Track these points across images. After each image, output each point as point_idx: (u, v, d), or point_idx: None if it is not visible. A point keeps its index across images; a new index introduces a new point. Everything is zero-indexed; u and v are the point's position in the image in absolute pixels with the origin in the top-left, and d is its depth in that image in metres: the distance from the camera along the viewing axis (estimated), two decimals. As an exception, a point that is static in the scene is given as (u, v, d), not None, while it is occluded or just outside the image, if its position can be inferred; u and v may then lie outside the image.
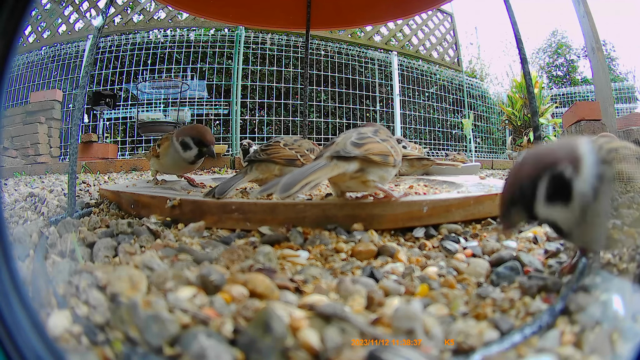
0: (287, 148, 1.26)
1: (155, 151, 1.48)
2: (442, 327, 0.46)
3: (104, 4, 2.35)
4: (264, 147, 1.28)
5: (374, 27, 6.43)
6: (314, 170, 0.81)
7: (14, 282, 0.42)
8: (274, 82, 5.86)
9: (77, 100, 1.35)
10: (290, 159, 1.23)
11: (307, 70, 2.75)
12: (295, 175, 0.77)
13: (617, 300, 0.48)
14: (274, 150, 1.25)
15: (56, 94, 5.20)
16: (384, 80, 6.56)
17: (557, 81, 13.03)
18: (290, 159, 1.23)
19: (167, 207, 0.99)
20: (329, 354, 0.40)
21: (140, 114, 5.25)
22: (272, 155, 1.23)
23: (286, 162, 1.22)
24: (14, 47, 0.46)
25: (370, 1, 2.36)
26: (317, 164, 0.85)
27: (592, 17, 4.20)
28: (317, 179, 0.79)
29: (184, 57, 5.84)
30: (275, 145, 1.27)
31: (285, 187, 0.73)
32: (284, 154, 1.24)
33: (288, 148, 1.26)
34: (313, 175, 0.79)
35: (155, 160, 1.51)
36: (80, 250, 0.77)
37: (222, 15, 2.44)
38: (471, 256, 0.76)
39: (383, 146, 0.94)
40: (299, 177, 0.77)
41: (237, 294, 0.53)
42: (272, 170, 1.22)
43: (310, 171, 0.80)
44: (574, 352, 0.41)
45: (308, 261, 0.73)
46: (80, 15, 5.97)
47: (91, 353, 0.41)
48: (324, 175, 0.82)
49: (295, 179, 0.76)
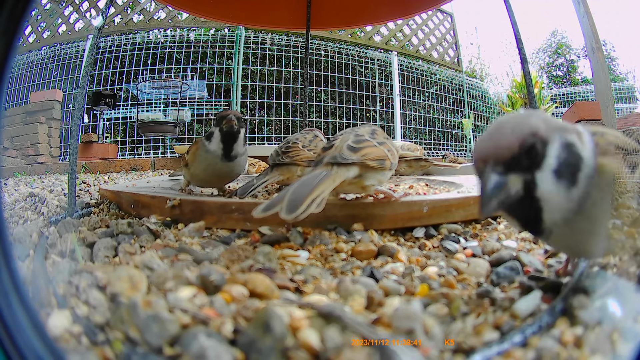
0: (305, 149, 1.27)
1: (185, 159, 1.28)
2: (442, 327, 0.46)
3: (104, 4, 2.35)
4: (284, 149, 1.29)
5: (374, 27, 6.43)
6: (317, 183, 0.77)
7: (14, 282, 0.42)
8: (274, 82, 5.86)
9: (77, 100, 1.35)
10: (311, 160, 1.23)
11: (307, 70, 2.75)
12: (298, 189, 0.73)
13: (617, 301, 0.48)
14: (295, 152, 1.26)
15: (56, 94, 5.20)
16: (384, 80, 6.56)
17: (557, 81, 13.03)
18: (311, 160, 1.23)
19: (167, 207, 0.99)
20: (329, 354, 0.40)
21: (140, 114, 5.25)
22: (294, 158, 1.24)
23: (307, 164, 1.23)
24: (14, 47, 0.46)
25: (370, 1, 2.36)
26: (318, 174, 0.81)
27: (592, 17, 4.20)
28: (322, 192, 0.75)
29: (184, 57, 5.84)
30: (294, 147, 1.28)
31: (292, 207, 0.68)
32: (304, 156, 1.25)
33: (307, 149, 1.27)
34: (318, 190, 0.75)
35: (186, 171, 1.30)
36: (80, 250, 0.76)
37: (222, 15, 2.44)
38: (471, 256, 0.76)
39: (380, 150, 0.93)
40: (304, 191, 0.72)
41: (237, 294, 0.53)
42: (295, 171, 1.24)
43: (314, 185, 0.76)
44: (574, 352, 0.41)
45: (308, 261, 0.73)
46: (80, 15, 5.97)
47: (91, 353, 0.40)
48: (329, 188, 0.78)
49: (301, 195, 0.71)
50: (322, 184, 0.78)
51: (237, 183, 1.48)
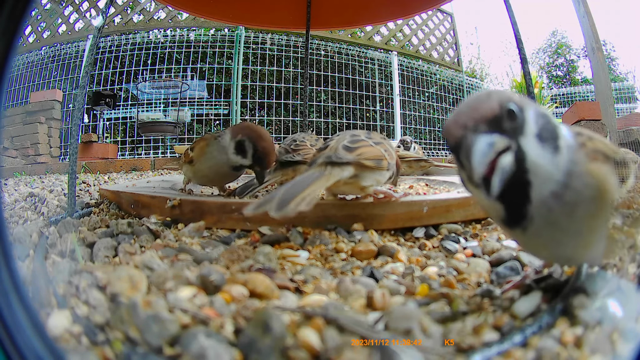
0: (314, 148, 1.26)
1: (188, 156, 1.22)
2: (441, 327, 0.46)
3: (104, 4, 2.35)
4: (293, 147, 1.27)
5: (374, 27, 6.43)
6: (310, 183, 0.77)
7: (14, 282, 0.42)
8: (274, 82, 5.86)
9: (77, 100, 1.35)
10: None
11: (307, 70, 2.75)
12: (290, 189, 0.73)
13: (617, 301, 0.48)
14: (305, 151, 1.25)
15: (56, 94, 5.19)
16: (384, 80, 6.56)
17: (557, 81, 13.03)
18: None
19: (167, 207, 0.99)
20: (330, 354, 0.40)
21: (140, 114, 5.25)
22: (305, 156, 1.22)
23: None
24: (14, 47, 0.46)
25: (370, 1, 2.36)
26: (311, 174, 0.80)
27: (592, 17, 4.19)
28: (313, 192, 0.74)
29: (184, 57, 5.84)
30: (303, 145, 1.27)
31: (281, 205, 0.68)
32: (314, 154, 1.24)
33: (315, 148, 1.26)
34: (309, 189, 0.74)
35: (188, 168, 1.24)
36: (80, 250, 0.76)
37: (222, 15, 2.44)
38: (471, 256, 0.76)
39: (376, 150, 0.92)
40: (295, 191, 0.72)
41: (237, 294, 0.53)
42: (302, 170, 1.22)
43: (306, 184, 0.76)
44: (574, 352, 0.41)
45: (308, 261, 0.73)
46: (80, 15, 5.96)
47: (91, 353, 0.40)
48: (320, 187, 0.78)
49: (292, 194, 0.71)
50: (314, 183, 0.77)
51: (237, 183, 1.47)
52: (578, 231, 0.47)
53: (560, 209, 0.46)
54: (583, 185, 0.46)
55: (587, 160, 0.47)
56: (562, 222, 0.47)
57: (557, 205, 0.45)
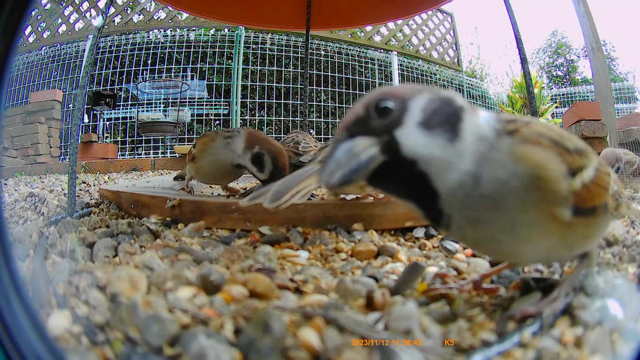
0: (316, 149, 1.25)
1: (191, 153, 1.22)
2: (441, 327, 0.46)
3: (104, 4, 2.35)
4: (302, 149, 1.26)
5: (374, 27, 6.43)
6: (305, 177, 0.78)
7: (14, 282, 0.42)
8: (274, 82, 5.86)
9: (77, 100, 1.35)
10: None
11: (307, 70, 2.76)
12: (286, 182, 0.74)
13: (617, 301, 0.47)
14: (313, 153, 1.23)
15: (56, 94, 5.19)
16: (384, 80, 6.55)
17: (557, 81, 13.02)
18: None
19: (167, 207, 0.99)
20: (330, 354, 0.40)
21: (140, 114, 5.25)
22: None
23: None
24: (14, 47, 0.46)
25: (370, 1, 2.36)
26: (308, 170, 0.82)
27: (592, 17, 4.19)
28: (307, 186, 0.75)
29: (184, 57, 5.84)
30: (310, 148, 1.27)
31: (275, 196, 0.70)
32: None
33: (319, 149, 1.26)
34: (303, 183, 0.76)
35: (191, 166, 1.24)
36: (80, 250, 0.76)
37: (222, 15, 2.44)
38: (471, 256, 0.76)
39: None
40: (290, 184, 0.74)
41: (237, 294, 0.53)
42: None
43: (301, 178, 0.77)
44: (574, 352, 0.41)
45: (308, 261, 0.73)
46: (80, 15, 5.96)
47: (91, 353, 0.40)
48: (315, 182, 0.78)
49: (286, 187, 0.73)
50: (309, 178, 0.78)
51: (237, 183, 1.47)
52: (512, 225, 0.43)
53: (478, 201, 0.42)
54: (508, 174, 0.42)
55: (516, 146, 0.43)
56: (487, 216, 0.43)
57: (472, 198, 0.42)
